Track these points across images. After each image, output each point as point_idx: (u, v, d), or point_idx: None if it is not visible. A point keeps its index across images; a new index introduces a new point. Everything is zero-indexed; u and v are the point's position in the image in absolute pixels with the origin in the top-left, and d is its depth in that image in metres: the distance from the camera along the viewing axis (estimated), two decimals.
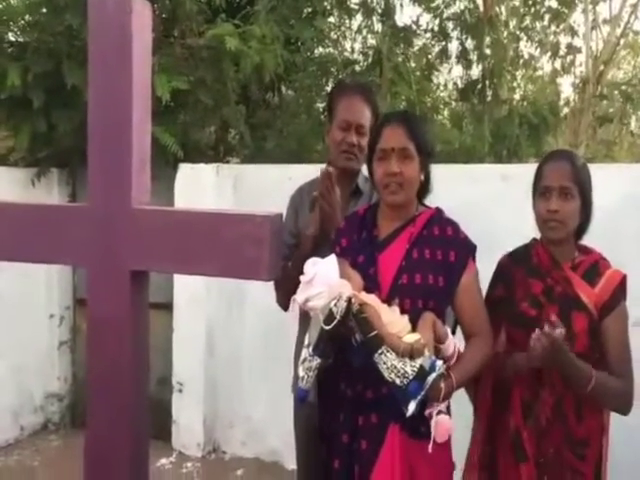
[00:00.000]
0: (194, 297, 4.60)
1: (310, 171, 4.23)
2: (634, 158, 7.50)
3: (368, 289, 2.00)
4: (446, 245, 2.11)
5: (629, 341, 2.17)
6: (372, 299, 1.94)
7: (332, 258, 1.96)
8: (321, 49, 6.01)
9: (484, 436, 2.24)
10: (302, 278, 1.92)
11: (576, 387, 2.07)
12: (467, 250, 2.14)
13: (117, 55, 1.39)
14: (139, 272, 1.43)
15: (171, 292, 4.61)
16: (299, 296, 1.92)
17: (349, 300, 1.87)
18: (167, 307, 4.61)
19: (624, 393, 2.14)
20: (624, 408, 2.16)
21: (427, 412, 1.95)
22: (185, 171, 4.68)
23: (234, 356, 4.67)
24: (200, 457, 4.62)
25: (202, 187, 4.65)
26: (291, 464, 4.44)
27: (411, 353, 1.83)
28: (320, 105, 5.93)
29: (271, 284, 4.14)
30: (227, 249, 1.32)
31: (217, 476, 4.39)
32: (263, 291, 4.42)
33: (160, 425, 4.57)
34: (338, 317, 1.85)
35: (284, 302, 2.65)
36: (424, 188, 2.21)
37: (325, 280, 1.89)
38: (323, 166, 2.48)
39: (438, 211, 2.21)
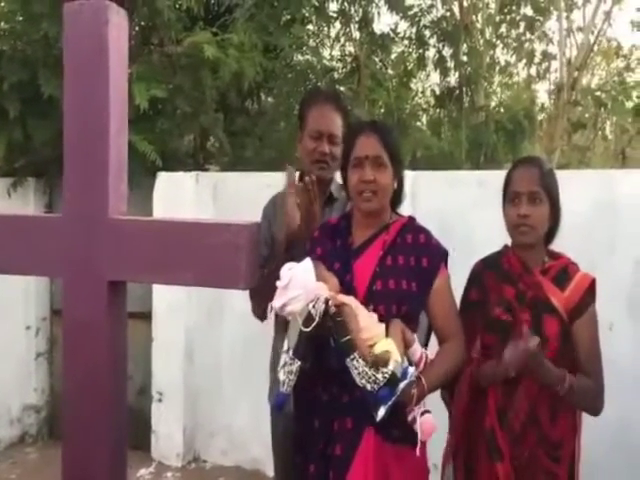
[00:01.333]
0: (173, 306, 4.59)
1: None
2: (607, 163, 7.61)
3: (344, 294, 2.02)
4: (419, 252, 2.14)
5: (599, 343, 2.22)
6: (350, 300, 1.96)
7: (307, 262, 1.97)
8: (300, 57, 6.02)
9: (459, 438, 2.25)
10: (278, 283, 1.93)
11: (550, 390, 2.09)
12: (439, 256, 2.17)
13: (93, 65, 1.40)
14: (117, 282, 1.42)
15: (150, 301, 4.59)
16: (276, 302, 1.93)
17: (327, 301, 1.88)
18: (146, 316, 4.59)
19: (596, 394, 2.18)
20: (596, 409, 2.20)
21: (410, 417, 1.97)
22: (164, 179, 4.67)
23: (214, 365, 4.66)
24: (180, 467, 4.59)
25: (181, 195, 4.64)
26: (272, 472, 4.44)
27: (377, 364, 1.86)
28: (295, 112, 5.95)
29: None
30: (205, 258, 1.33)
31: None
32: (242, 300, 4.43)
33: (139, 435, 4.55)
34: (317, 319, 1.86)
35: (260, 312, 2.65)
36: (397, 196, 2.24)
37: (302, 283, 1.90)
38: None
39: (411, 219, 2.25)
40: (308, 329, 1.89)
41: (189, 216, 4.44)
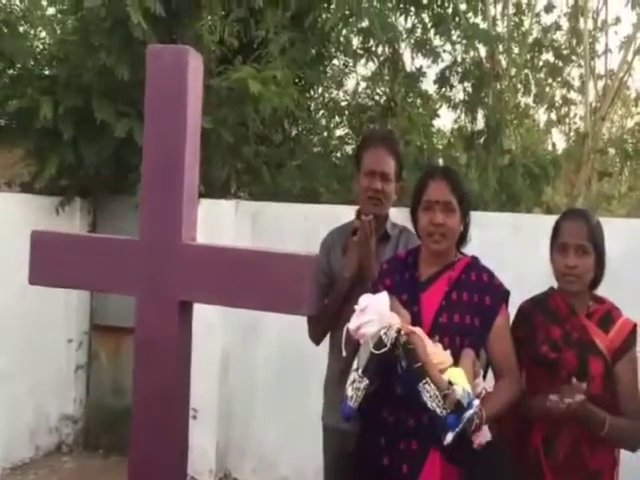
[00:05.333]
0: (210, 326, 4.76)
1: (325, 211, 4.48)
2: (626, 210, 7.83)
3: (412, 325, 2.23)
4: (482, 290, 2.35)
5: (638, 384, 2.41)
6: (419, 331, 2.18)
7: (384, 293, 2.20)
8: (333, 92, 6.29)
9: None
10: (356, 307, 2.17)
11: (592, 431, 2.28)
12: (501, 296, 2.38)
13: (173, 102, 1.54)
14: (186, 302, 1.57)
15: None
16: (352, 324, 2.16)
17: (398, 331, 2.10)
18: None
19: (634, 433, 2.37)
20: (634, 446, 2.41)
21: (476, 443, 2.16)
22: (205, 206, 4.87)
23: (247, 384, 4.85)
24: None
25: (221, 223, 4.85)
26: None
27: (448, 392, 2.06)
28: (331, 146, 6.20)
29: (286, 319, 4.36)
30: (270, 285, 1.47)
31: None
32: (277, 322, 4.64)
33: None
34: (388, 344, 2.08)
35: (317, 337, 2.86)
36: (462, 237, 2.46)
37: (376, 310, 2.13)
38: (338, 207, 2.71)
39: (474, 259, 2.46)
40: (379, 352, 2.11)
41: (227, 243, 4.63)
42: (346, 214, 3.00)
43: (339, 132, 6.35)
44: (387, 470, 2.27)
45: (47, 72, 5.36)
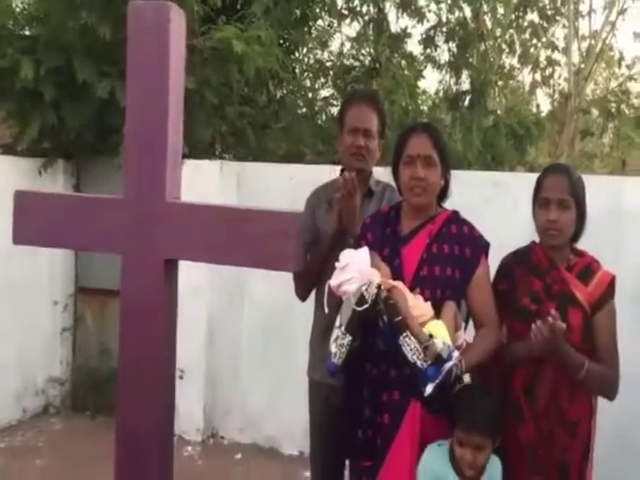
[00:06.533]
0: (196, 290, 4.80)
1: (310, 171, 4.49)
2: (608, 169, 7.91)
3: (393, 279, 2.27)
4: (463, 242, 2.39)
5: (616, 335, 2.47)
6: (400, 284, 2.21)
7: (365, 249, 2.22)
8: (318, 53, 6.25)
9: None
10: (337, 265, 2.19)
11: (571, 373, 2.34)
12: (481, 247, 2.43)
13: (155, 59, 1.51)
14: (171, 261, 1.57)
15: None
16: (333, 281, 2.18)
17: (379, 286, 2.13)
18: None
19: (612, 381, 2.44)
20: (611, 394, 2.46)
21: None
22: (189, 167, 4.86)
23: (233, 347, 4.90)
24: (200, 441, 4.83)
25: (206, 183, 4.83)
26: (287, 450, 4.69)
27: (428, 344, 2.11)
28: (316, 107, 6.18)
29: (270, 282, 4.41)
30: (256, 242, 1.46)
31: (218, 459, 4.62)
32: (262, 286, 4.68)
33: None
34: (369, 301, 2.11)
35: (302, 293, 2.89)
36: (443, 192, 2.49)
37: (357, 267, 2.16)
38: (324, 167, 2.73)
39: (455, 212, 2.49)
40: (360, 309, 2.14)
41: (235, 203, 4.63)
42: (331, 173, 3.01)
43: (324, 93, 6.33)
44: (369, 421, 2.33)
45: (27, 32, 5.26)
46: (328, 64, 6.37)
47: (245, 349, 4.87)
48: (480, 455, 2.20)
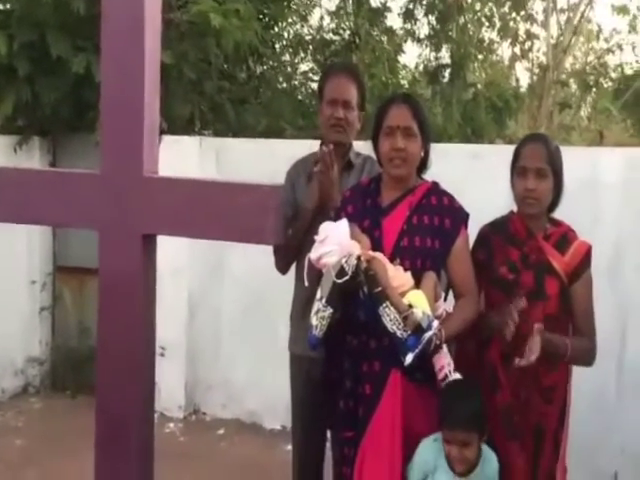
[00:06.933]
0: (176, 266, 4.78)
1: (289, 146, 4.47)
2: (586, 142, 7.96)
3: (373, 250, 2.27)
4: (442, 213, 2.39)
5: (593, 303, 2.50)
6: (379, 255, 2.21)
7: (344, 221, 2.21)
8: (297, 27, 6.19)
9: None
10: (316, 238, 2.18)
11: (555, 358, 2.36)
12: (461, 218, 2.43)
13: (130, 31, 1.40)
14: (150, 236, 1.58)
15: None
16: (313, 254, 2.18)
17: (358, 258, 2.13)
18: None
19: (590, 351, 2.48)
20: (589, 362, 2.51)
21: (441, 375, 2.22)
22: (168, 143, 4.81)
23: (214, 323, 4.89)
24: (182, 418, 4.84)
25: (185, 159, 4.79)
26: (269, 424, 4.71)
27: (408, 314, 2.11)
28: (296, 82, 6.14)
29: (250, 258, 4.40)
30: (235, 216, 1.45)
31: (200, 435, 4.62)
32: (242, 263, 4.67)
33: None
34: (349, 273, 2.11)
35: (282, 267, 2.88)
36: (423, 163, 2.48)
37: (337, 239, 2.15)
38: (304, 142, 2.72)
39: (435, 184, 2.49)
40: (340, 281, 2.14)
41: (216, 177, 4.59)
42: (312, 148, 2.98)
43: (303, 67, 6.28)
44: (351, 392, 2.34)
45: (0, 7, 5.15)
46: (307, 38, 6.31)
47: (226, 325, 4.87)
48: (467, 450, 2.22)
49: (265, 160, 4.52)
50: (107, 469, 1.52)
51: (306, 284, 2.32)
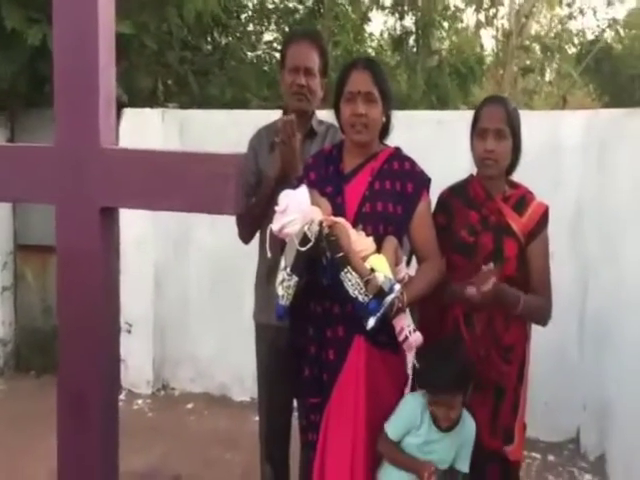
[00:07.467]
0: (141, 241, 4.72)
1: (254, 117, 4.41)
2: (550, 107, 8.00)
3: (336, 216, 2.24)
4: (404, 177, 2.38)
5: (549, 263, 2.52)
6: (341, 220, 2.20)
7: (303, 188, 2.19)
8: None
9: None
10: (277, 208, 2.14)
11: (507, 309, 2.39)
12: (422, 182, 2.41)
13: (82, 3, 1.35)
14: (109, 209, 1.55)
15: (117, 237, 4.70)
16: (275, 225, 2.15)
17: (320, 224, 2.11)
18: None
19: (545, 309, 2.51)
20: (543, 321, 2.53)
21: (402, 336, 2.21)
22: (130, 116, 4.73)
23: (181, 297, 4.86)
24: (150, 394, 4.82)
25: (147, 132, 4.72)
26: (239, 396, 4.71)
27: (369, 278, 2.11)
28: (260, 52, 6.06)
29: (216, 230, 4.36)
30: (195, 186, 1.40)
31: (168, 410, 4.61)
32: (208, 234, 4.63)
33: None
34: (312, 239, 2.09)
35: (245, 236, 2.85)
36: (385, 129, 2.45)
37: (298, 208, 2.13)
38: (268, 112, 2.68)
39: (397, 149, 2.47)
40: (304, 249, 2.12)
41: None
42: (276, 118, 2.94)
43: (268, 37, 6.19)
44: (315, 358, 2.34)
45: None
46: (271, 7, 6.20)
47: (193, 298, 4.84)
48: (452, 411, 2.26)
49: (230, 131, 4.45)
50: (70, 445, 1.51)
51: (269, 255, 2.30)
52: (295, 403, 2.76)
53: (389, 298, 2.12)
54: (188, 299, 4.85)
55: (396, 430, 2.30)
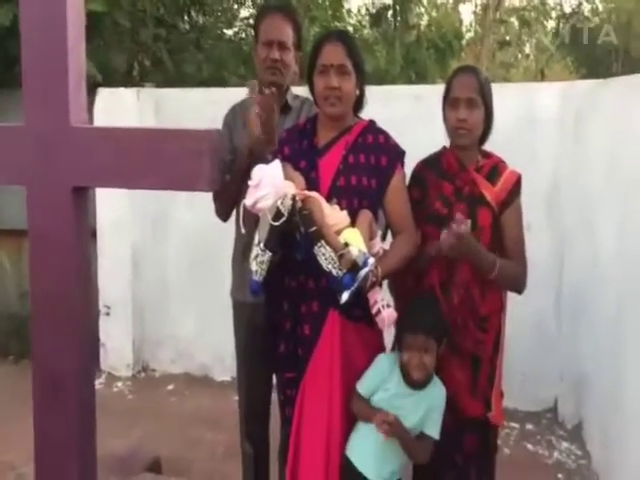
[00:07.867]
0: (118, 222, 4.68)
1: (231, 94, 4.36)
2: (528, 80, 8.01)
3: (309, 190, 2.23)
4: (378, 151, 2.36)
5: (523, 231, 2.52)
6: (315, 194, 2.18)
7: (276, 163, 2.16)
8: None
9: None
10: (250, 183, 2.12)
11: (482, 273, 2.39)
12: (397, 155, 2.40)
13: None
14: (81, 188, 1.52)
15: (93, 219, 4.66)
16: (248, 200, 2.13)
17: (293, 198, 2.09)
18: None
19: (520, 276, 2.51)
20: (519, 289, 2.53)
21: (374, 309, 2.21)
22: (104, 95, 4.66)
23: (160, 278, 4.83)
24: (130, 376, 4.80)
25: (122, 111, 4.66)
26: (220, 376, 4.71)
27: (343, 252, 2.10)
28: (236, 29, 5.99)
29: (194, 209, 4.32)
30: (168, 163, 1.36)
31: (149, 392, 4.60)
32: (186, 214, 4.59)
33: None
34: (285, 214, 2.07)
35: (222, 213, 2.83)
36: (359, 102, 2.43)
37: (271, 182, 2.10)
38: (244, 90, 2.66)
39: (371, 122, 2.45)
40: (277, 223, 2.11)
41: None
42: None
43: (244, 13, 6.11)
44: (291, 334, 2.34)
45: None
46: None
47: (172, 278, 4.81)
48: (426, 357, 2.24)
49: (206, 109, 4.38)
50: (46, 427, 1.49)
51: (242, 231, 2.28)
52: (275, 380, 2.76)
53: (363, 272, 2.11)
54: (167, 279, 4.83)
55: (366, 385, 2.30)
